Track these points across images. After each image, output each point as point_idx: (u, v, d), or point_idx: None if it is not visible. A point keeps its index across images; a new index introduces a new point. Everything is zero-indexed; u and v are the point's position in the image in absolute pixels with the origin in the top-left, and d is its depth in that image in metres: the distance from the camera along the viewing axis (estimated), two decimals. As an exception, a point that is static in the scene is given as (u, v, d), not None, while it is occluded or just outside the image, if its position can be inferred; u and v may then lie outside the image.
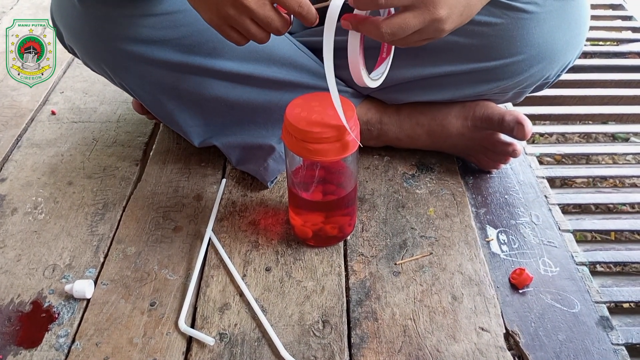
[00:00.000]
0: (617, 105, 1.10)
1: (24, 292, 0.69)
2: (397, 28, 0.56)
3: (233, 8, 0.57)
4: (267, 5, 0.58)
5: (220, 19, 0.59)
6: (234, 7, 0.57)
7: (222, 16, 0.59)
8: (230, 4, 0.57)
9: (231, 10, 0.58)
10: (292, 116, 0.62)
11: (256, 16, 0.58)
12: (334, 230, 0.72)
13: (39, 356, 0.62)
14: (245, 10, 0.57)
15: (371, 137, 0.86)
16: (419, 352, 0.61)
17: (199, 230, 0.77)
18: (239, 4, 0.57)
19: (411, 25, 0.55)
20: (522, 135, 0.76)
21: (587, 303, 0.67)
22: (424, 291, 0.68)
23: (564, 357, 0.61)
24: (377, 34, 0.56)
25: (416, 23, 0.55)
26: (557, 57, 0.72)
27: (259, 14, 0.57)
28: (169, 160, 0.90)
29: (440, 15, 0.55)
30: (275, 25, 0.59)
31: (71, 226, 0.78)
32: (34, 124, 1.00)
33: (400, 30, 0.56)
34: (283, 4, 0.58)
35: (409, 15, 0.55)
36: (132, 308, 0.67)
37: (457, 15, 0.57)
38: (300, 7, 0.58)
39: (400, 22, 0.55)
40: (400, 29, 0.56)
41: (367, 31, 0.57)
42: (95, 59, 0.77)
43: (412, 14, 0.55)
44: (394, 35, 0.56)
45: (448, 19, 0.56)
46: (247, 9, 0.57)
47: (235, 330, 0.64)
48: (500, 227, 0.77)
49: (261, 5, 0.57)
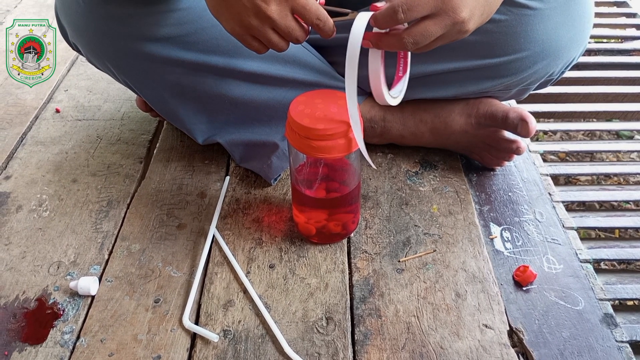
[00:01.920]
0: (622, 102, 1.10)
1: (29, 289, 0.69)
2: (420, 36, 0.56)
3: (256, 18, 0.58)
4: (288, 16, 0.58)
5: (242, 29, 0.60)
6: (257, 17, 0.58)
7: (244, 26, 0.59)
8: (254, 14, 0.58)
9: (254, 20, 0.58)
10: (295, 113, 0.62)
11: (278, 26, 0.59)
12: (338, 228, 0.72)
13: (44, 353, 0.62)
14: (268, 20, 0.58)
15: (374, 135, 0.86)
16: (422, 349, 0.61)
17: (203, 227, 0.77)
18: (262, 14, 0.57)
19: (433, 32, 0.56)
20: (526, 132, 0.76)
21: (591, 300, 0.67)
22: (428, 288, 0.68)
23: (568, 355, 0.61)
24: (400, 45, 0.57)
25: (438, 29, 0.56)
26: (561, 53, 0.72)
27: (281, 25, 0.58)
28: (173, 157, 0.90)
29: (462, 17, 0.55)
30: (295, 35, 0.60)
31: (76, 223, 0.78)
32: (38, 121, 1.00)
33: (422, 38, 0.56)
34: (303, 16, 0.58)
35: (429, 22, 0.55)
36: (136, 305, 0.67)
37: (478, 15, 0.57)
38: (318, 20, 0.59)
39: (421, 30, 0.56)
40: (422, 37, 0.56)
41: (389, 45, 0.58)
42: (99, 57, 0.77)
43: (433, 21, 0.55)
44: (416, 44, 0.57)
45: (470, 20, 0.56)
46: (270, 19, 0.58)
47: (239, 327, 0.64)
48: (504, 225, 0.77)
49: (283, 16, 0.58)
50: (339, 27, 0.83)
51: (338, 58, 0.83)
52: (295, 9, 0.58)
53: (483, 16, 0.59)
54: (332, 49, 0.84)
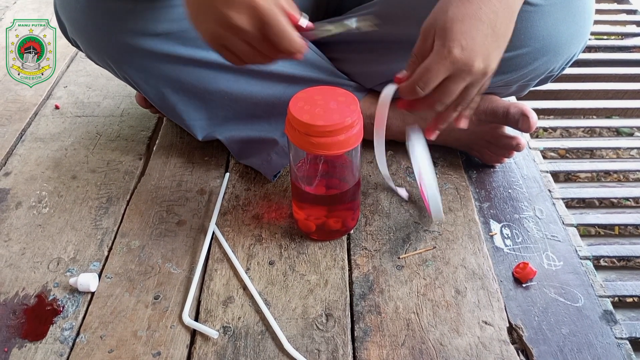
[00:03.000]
0: (622, 99, 1.10)
1: (29, 285, 0.69)
2: (444, 96, 0.59)
3: (223, 28, 0.56)
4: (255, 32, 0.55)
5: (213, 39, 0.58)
6: (223, 26, 0.56)
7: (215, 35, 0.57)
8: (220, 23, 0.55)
9: (222, 31, 0.56)
10: (295, 110, 0.62)
11: (247, 38, 0.56)
12: (338, 224, 0.72)
13: (44, 349, 0.62)
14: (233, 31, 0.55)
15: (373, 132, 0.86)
16: (422, 346, 0.62)
17: (203, 224, 0.77)
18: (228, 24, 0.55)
19: (454, 89, 0.58)
20: (527, 127, 0.76)
21: (590, 297, 0.67)
22: (428, 285, 0.68)
23: (567, 351, 0.61)
24: (431, 108, 0.61)
25: (458, 86, 0.58)
26: (561, 50, 0.72)
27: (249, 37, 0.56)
28: (173, 154, 0.90)
29: (476, 68, 0.56)
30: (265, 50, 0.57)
31: (75, 220, 0.78)
32: (37, 118, 1.00)
33: (447, 97, 0.59)
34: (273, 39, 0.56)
35: (448, 83, 0.58)
36: (136, 301, 0.67)
37: (494, 52, 0.58)
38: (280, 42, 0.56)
39: (444, 91, 0.58)
40: (446, 96, 0.59)
41: (422, 109, 0.62)
42: (99, 52, 0.77)
43: (451, 81, 0.58)
44: (444, 103, 0.60)
45: (486, 65, 0.57)
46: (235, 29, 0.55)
47: (238, 323, 0.64)
48: (503, 221, 0.77)
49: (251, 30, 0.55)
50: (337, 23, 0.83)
51: (338, 54, 0.83)
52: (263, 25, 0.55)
53: (500, 48, 0.59)
54: (332, 45, 0.83)
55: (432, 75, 0.56)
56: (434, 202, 0.69)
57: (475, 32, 0.56)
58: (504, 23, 0.58)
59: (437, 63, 0.56)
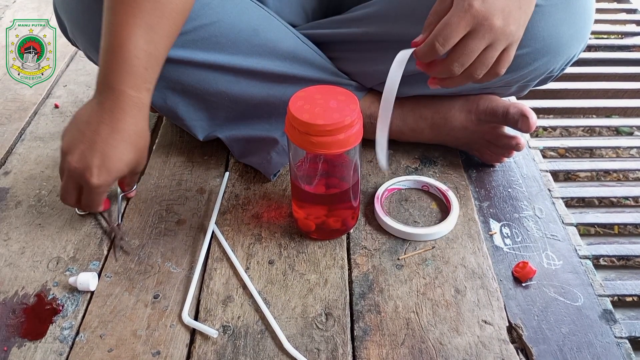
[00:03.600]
0: (621, 98, 1.10)
1: (28, 284, 0.69)
2: (463, 56, 0.56)
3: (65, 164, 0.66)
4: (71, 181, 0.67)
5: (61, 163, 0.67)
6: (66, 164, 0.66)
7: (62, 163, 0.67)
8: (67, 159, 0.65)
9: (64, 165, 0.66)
10: (295, 109, 0.62)
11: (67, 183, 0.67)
12: (337, 224, 0.72)
13: (44, 348, 0.62)
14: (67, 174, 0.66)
15: (374, 131, 0.86)
16: (422, 345, 0.62)
17: (202, 223, 0.77)
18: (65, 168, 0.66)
19: (474, 47, 0.56)
20: (526, 127, 0.76)
21: (590, 296, 0.67)
22: (427, 284, 0.68)
23: (567, 351, 0.61)
24: (449, 71, 0.58)
25: (478, 43, 0.56)
26: (562, 50, 0.72)
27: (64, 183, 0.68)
28: (172, 153, 0.90)
29: (496, 24, 0.55)
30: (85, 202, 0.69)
31: (75, 219, 0.78)
32: (37, 117, 1.00)
33: (466, 57, 0.56)
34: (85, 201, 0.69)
35: (467, 40, 0.56)
36: (135, 300, 0.67)
37: (516, 13, 0.56)
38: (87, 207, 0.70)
39: (462, 50, 0.56)
40: (465, 56, 0.56)
41: (440, 73, 0.59)
42: (98, 52, 0.77)
43: (470, 38, 0.55)
44: (463, 64, 0.57)
45: (507, 24, 0.56)
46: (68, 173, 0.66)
47: (238, 322, 0.64)
48: (503, 221, 0.77)
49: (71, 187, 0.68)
50: (341, 20, 0.83)
51: (338, 53, 0.83)
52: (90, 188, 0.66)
53: (521, 10, 0.57)
54: (332, 45, 0.83)
55: (453, 30, 0.54)
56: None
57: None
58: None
59: (457, 16, 0.54)
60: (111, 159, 0.64)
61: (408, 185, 0.81)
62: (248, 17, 0.77)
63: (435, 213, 0.78)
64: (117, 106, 0.64)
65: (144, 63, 0.64)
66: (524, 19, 0.58)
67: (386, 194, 0.79)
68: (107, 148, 0.64)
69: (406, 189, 0.82)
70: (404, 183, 0.81)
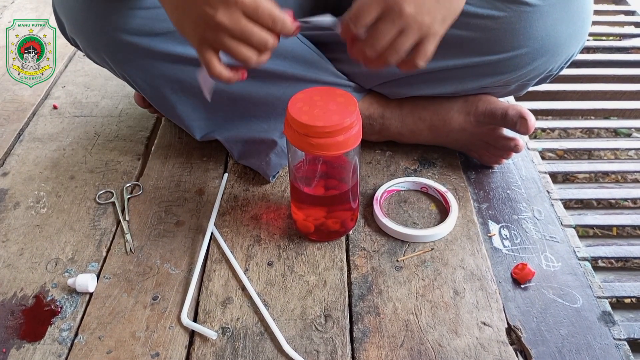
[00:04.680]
0: (620, 100, 1.10)
1: (27, 286, 0.69)
2: (375, 39, 0.57)
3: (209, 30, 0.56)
4: (242, 19, 0.56)
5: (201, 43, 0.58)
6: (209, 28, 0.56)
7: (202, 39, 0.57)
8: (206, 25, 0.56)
9: (208, 32, 0.56)
10: (294, 110, 0.62)
11: (233, 32, 0.56)
12: (336, 225, 0.72)
13: (42, 350, 0.62)
14: (219, 27, 0.55)
15: (373, 132, 0.86)
16: (420, 347, 0.62)
17: (201, 224, 0.77)
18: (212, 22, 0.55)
19: (385, 30, 0.56)
20: (525, 129, 0.76)
21: (589, 298, 0.67)
22: (426, 286, 0.68)
23: (566, 352, 0.61)
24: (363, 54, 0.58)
25: (388, 26, 0.56)
26: (560, 50, 0.72)
27: (235, 29, 0.56)
28: (171, 154, 0.90)
29: (407, 11, 0.55)
30: (258, 39, 0.57)
31: (73, 220, 0.78)
32: (35, 118, 1.00)
33: (378, 40, 0.57)
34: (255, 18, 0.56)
35: (379, 22, 0.56)
36: (134, 302, 0.67)
37: (433, 2, 0.57)
38: (274, 22, 0.57)
39: (374, 33, 0.56)
40: (377, 39, 0.57)
41: (357, 56, 0.59)
42: (98, 51, 0.77)
43: (382, 21, 0.56)
44: (375, 47, 0.57)
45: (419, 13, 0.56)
46: (220, 25, 0.55)
47: (237, 324, 0.64)
48: (502, 222, 0.77)
49: (235, 20, 0.55)
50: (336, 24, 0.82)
51: (337, 54, 0.83)
52: (246, 12, 0.56)
53: (440, 4, 0.57)
54: (331, 45, 0.83)
55: (364, 10, 0.55)
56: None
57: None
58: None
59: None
60: None
61: (407, 186, 0.81)
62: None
63: (434, 214, 0.78)
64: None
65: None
66: (442, 14, 0.58)
67: (385, 195, 0.79)
68: None
69: (405, 191, 0.82)
70: (403, 184, 0.81)
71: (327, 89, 0.65)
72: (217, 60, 0.59)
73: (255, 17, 0.56)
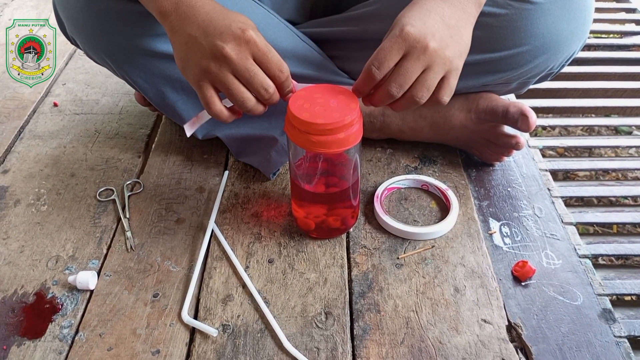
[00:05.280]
0: (621, 98, 1.10)
1: (28, 283, 0.69)
2: (401, 77, 0.57)
3: (213, 60, 0.56)
4: (249, 59, 0.56)
5: (201, 73, 0.57)
6: (214, 59, 0.56)
7: (202, 69, 0.57)
8: (211, 55, 0.56)
9: (212, 63, 0.56)
10: (295, 108, 0.62)
11: (237, 69, 0.56)
12: (337, 223, 0.72)
13: (43, 347, 0.62)
14: (225, 60, 0.56)
15: (374, 130, 0.86)
16: (421, 344, 0.62)
17: (202, 222, 0.77)
18: (219, 54, 0.55)
19: (410, 68, 0.57)
20: (526, 126, 0.76)
21: (589, 296, 0.67)
22: (427, 283, 0.68)
23: (566, 350, 0.61)
24: (388, 95, 0.58)
25: (414, 65, 0.56)
26: (561, 47, 0.72)
27: (240, 66, 0.56)
28: (172, 152, 0.90)
29: (431, 46, 0.56)
30: (260, 83, 0.57)
31: (74, 218, 0.78)
32: (36, 115, 1.00)
33: (404, 78, 0.57)
34: (263, 64, 0.57)
35: (403, 62, 0.57)
36: (135, 299, 0.67)
37: (447, 37, 0.57)
38: (281, 72, 0.58)
39: (399, 72, 0.57)
40: (403, 77, 0.57)
41: (381, 100, 0.59)
42: (98, 51, 0.77)
43: (406, 60, 0.56)
44: (401, 86, 0.57)
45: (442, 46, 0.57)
46: (227, 58, 0.56)
47: (238, 321, 0.64)
48: (503, 220, 0.77)
49: (242, 58, 0.56)
50: (341, 19, 0.83)
51: (338, 52, 0.83)
52: (255, 55, 0.56)
53: (453, 39, 0.58)
54: (332, 43, 0.83)
55: (386, 53, 0.56)
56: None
57: (426, 17, 0.57)
58: (454, 17, 0.59)
59: (390, 41, 0.56)
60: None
61: (408, 184, 0.81)
62: (247, 16, 0.76)
63: (434, 212, 0.78)
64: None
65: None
66: (458, 49, 0.59)
67: (386, 193, 0.79)
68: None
69: (406, 188, 0.82)
70: (404, 182, 0.81)
71: (328, 86, 0.65)
72: (218, 98, 0.59)
73: (264, 62, 0.57)
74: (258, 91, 0.58)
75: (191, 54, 0.58)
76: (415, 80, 0.58)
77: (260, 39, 0.57)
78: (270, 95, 0.59)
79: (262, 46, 0.57)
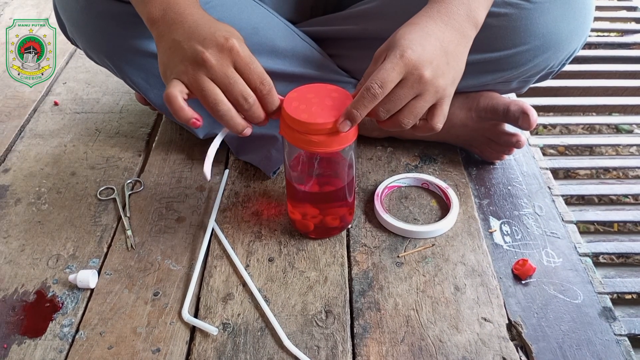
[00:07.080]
0: (621, 96, 1.09)
1: (28, 281, 0.69)
2: (390, 103, 0.57)
3: (191, 64, 0.55)
4: (229, 67, 0.55)
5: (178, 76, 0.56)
6: (193, 62, 0.55)
7: (179, 72, 0.56)
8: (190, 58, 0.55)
9: (190, 66, 0.55)
10: (291, 110, 0.61)
11: (215, 74, 0.55)
12: (335, 221, 0.72)
13: (44, 345, 0.62)
14: (204, 64, 0.55)
15: (374, 128, 0.86)
16: (421, 342, 0.62)
17: (202, 220, 0.77)
18: (199, 57, 0.54)
19: (402, 95, 0.57)
20: (527, 125, 0.76)
21: (590, 294, 0.67)
22: (427, 282, 0.68)
23: (566, 348, 0.61)
24: (375, 115, 0.59)
25: (406, 91, 0.57)
26: (561, 46, 0.72)
27: (218, 72, 0.55)
28: (172, 151, 0.90)
29: (428, 76, 0.56)
30: (238, 90, 0.56)
31: (74, 216, 0.78)
32: (36, 114, 1.00)
33: (393, 103, 0.57)
34: (244, 73, 0.56)
35: (397, 88, 0.57)
36: (135, 298, 0.67)
37: (444, 64, 0.57)
38: (262, 85, 0.57)
39: (391, 97, 0.57)
40: (392, 102, 0.57)
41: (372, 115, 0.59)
42: (98, 52, 0.77)
43: (399, 85, 0.56)
44: (388, 110, 0.58)
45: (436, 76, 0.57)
46: (205, 62, 0.54)
47: (238, 320, 0.64)
48: (503, 218, 0.77)
49: (221, 64, 0.55)
50: (341, 17, 0.83)
51: (338, 50, 0.83)
52: (237, 64, 0.55)
53: (449, 66, 0.58)
54: (332, 42, 0.83)
55: (389, 74, 0.55)
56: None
57: (426, 42, 0.57)
58: (452, 42, 0.59)
59: (391, 62, 0.55)
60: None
61: (408, 182, 0.81)
62: (247, 16, 0.77)
63: (435, 210, 0.78)
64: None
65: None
66: (452, 76, 0.59)
67: (386, 191, 0.79)
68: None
69: (406, 187, 0.82)
70: (404, 180, 0.81)
71: (319, 86, 0.64)
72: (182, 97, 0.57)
73: (245, 72, 0.56)
74: (237, 99, 0.57)
75: (172, 57, 0.57)
76: (404, 105, 0.58)
77: (244, 49, 0.56)
78: (251, 106, 0.57)
79: (244, 56, 0.56)
